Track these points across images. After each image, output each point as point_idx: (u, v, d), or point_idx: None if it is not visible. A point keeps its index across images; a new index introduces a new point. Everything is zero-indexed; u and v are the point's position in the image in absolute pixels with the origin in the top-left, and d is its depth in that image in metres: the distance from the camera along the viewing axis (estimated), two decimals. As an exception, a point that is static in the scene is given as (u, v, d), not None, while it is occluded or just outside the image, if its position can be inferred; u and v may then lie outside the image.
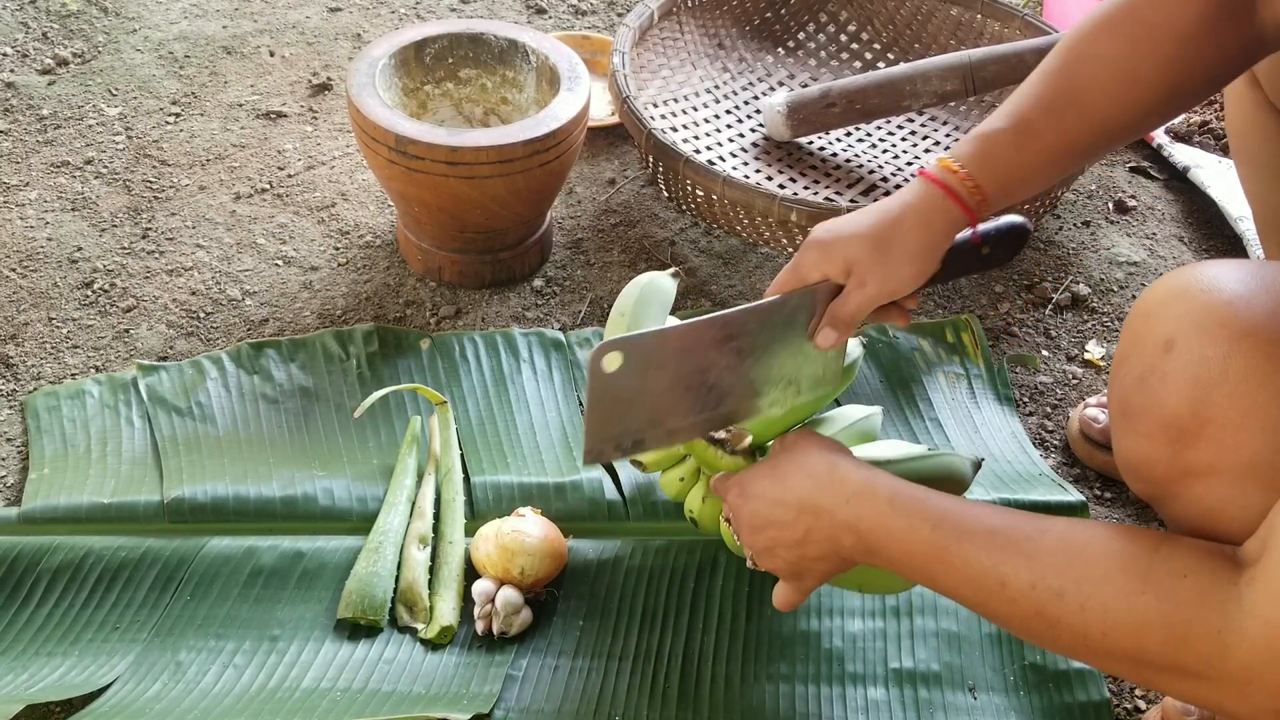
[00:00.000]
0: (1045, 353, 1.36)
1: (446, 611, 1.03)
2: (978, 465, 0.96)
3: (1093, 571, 0.68)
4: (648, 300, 0.98)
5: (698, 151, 1.54)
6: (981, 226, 0.87)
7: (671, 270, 1.01)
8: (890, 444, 1.01)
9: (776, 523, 0.84)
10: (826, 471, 0.82)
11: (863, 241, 0.84)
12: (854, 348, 0.97)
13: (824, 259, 0.85)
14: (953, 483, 0.93)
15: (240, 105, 1.66)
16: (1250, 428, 0.67)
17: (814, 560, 0.84)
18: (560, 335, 1.31)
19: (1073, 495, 1.13)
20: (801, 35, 1.77)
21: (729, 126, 1.62)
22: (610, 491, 1.14)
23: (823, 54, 1.76)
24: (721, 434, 0.95)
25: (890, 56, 1.74)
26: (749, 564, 0.90)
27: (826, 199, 1.50)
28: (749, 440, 0.96)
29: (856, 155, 1.60)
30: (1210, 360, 0.68)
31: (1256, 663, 0.62)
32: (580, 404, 1.25)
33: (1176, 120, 1.72)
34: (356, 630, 1.03)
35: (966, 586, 0.74)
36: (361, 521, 1.10)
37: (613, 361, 0.80)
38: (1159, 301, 0.73)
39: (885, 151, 1.61)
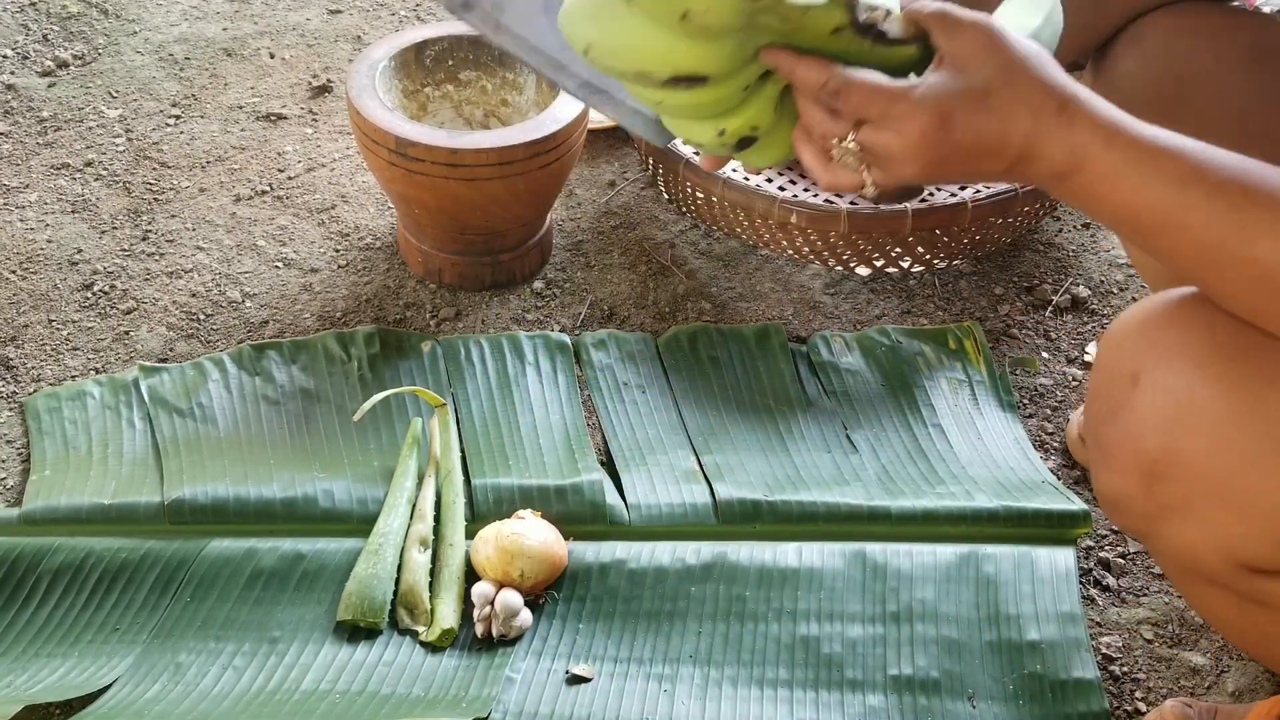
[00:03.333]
0: (1045, 355, 1.37)
1: (447, 614, 1.03)
2: None
3: None
4: None
5: (697, 153, 1.54)
6: None
7: None
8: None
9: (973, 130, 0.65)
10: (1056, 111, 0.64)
11: None
12: None
13: None
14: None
15: (240, 107, 1.66)
16: (1220, 459, 0.66)
17: (970, 156, 0.66)
18: (565, 338, 1.31)
19: (1076, 505, 1.13)
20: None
21: (729, 129, 1.62)
22: (611, 495, 1.14)
23: (823, 56, 1.76)
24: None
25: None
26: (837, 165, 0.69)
27: (826, 200, 1.50)
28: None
29: (857, 157, 1.60)
30: (1175, 392, 0.67)
31: None
32: (587, 401, 1.25)
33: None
34: (356, 632, 1.03)
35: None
36: (362, 523, 1.11)
37: None
38: (1125, 333, 0.72)
39: (885, 154, 1.61)
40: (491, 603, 1.02)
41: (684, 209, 1.46)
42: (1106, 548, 1.15)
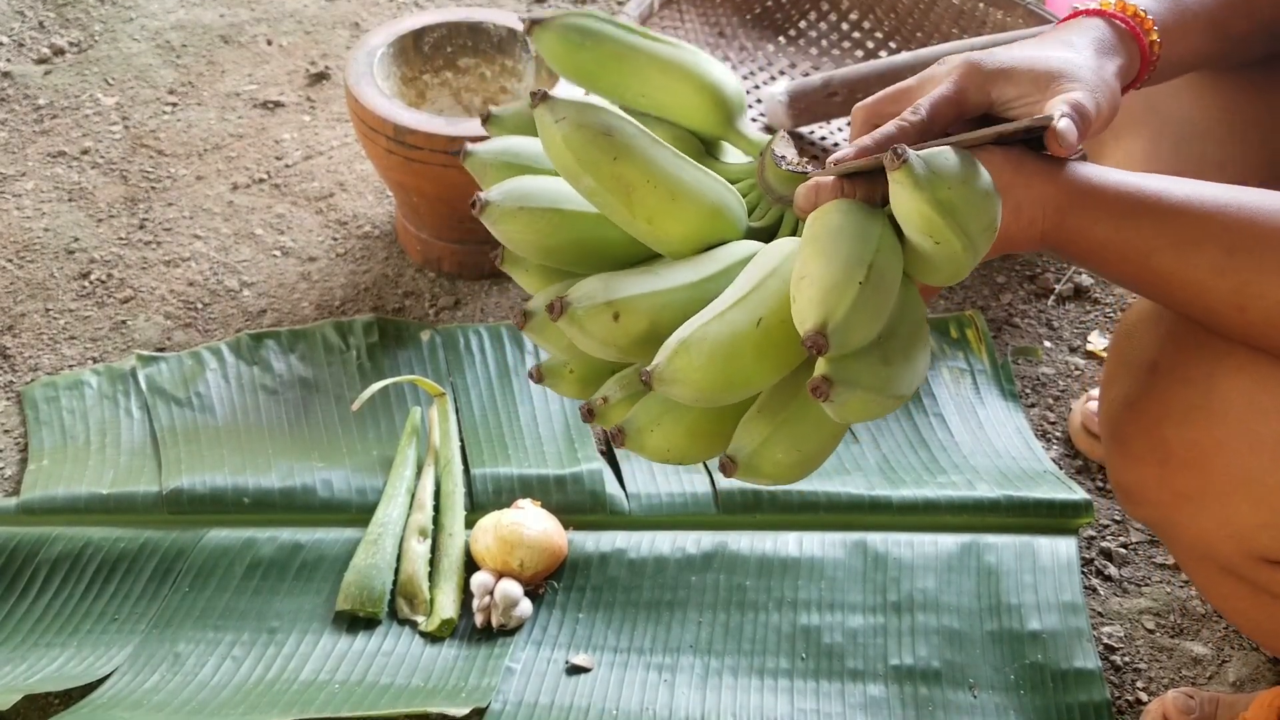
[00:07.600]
0: (1047, 344, 1.36)
1: (447, 604, 1.02)
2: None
3: None
4: None
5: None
6: None
7: None
8: None
9: None
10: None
11: (1078, 61, 0.66)
12: None
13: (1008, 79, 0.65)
14: None
15: (237, 95, 1.66)
16: (1236, 448, 0.66)
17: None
18: (560, 326, 1.31)
19: (1078, 494, 1.12)
20: (803, 24, 1.76)
21: (730, 116, 1.61)
22: (611, 484, 1.14)
23: (824, 43, 1.75)
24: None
25: (892, 45, 1.73)
26: None
27: (827, 189, 1.49)
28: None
29: (858, 145, 1.59)
30: (1193, 381, 0.67)
31: None
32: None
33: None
34: (355, 622, 1.02)
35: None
36: (361, 513, 1.10)
37: None
38: (1140, 321, 0.72)
39: (887, 141, 1.60)
40: (491, 592, 1.02)
41: (684, 197, 1.45)
42: (1108, 537, 1.15)
